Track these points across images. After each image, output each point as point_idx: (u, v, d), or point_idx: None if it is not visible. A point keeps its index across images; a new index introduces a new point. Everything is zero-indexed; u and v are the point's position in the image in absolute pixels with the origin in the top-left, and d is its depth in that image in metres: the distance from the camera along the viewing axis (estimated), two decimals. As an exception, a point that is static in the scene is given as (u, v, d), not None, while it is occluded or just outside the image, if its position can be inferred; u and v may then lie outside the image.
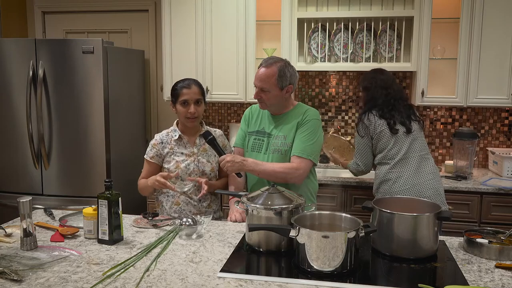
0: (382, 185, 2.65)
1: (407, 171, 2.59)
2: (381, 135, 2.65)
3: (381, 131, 2.65)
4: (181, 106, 2.34)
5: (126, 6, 4.14)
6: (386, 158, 2.65)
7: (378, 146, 2.68)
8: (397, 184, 2.59)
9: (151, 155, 2.41)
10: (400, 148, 2.62)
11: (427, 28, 3.27)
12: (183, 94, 2.33)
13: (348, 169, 2.89)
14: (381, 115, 2.67)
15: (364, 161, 2.74)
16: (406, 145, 2.62)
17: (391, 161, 2.63)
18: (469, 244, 1.83)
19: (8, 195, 3.51)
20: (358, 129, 2.73)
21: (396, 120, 2.65)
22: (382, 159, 2.67)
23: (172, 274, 1.61)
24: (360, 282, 1.56)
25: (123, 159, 3.65)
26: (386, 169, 2.64)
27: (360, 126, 2.72)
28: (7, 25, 4.11)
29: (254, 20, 3.47)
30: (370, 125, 2.67)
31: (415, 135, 2.65)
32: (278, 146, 2.28)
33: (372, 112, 2.69)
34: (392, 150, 2.64)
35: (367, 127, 2.68)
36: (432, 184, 2.58)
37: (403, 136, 2.63)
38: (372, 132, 2.67)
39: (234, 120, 3.98)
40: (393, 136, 2.63)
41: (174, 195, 2.38)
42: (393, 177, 2.61)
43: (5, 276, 1.55)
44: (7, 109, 3.48)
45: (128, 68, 3.79)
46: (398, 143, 2.63)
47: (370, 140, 2.69)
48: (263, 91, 2.24)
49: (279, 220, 1.80)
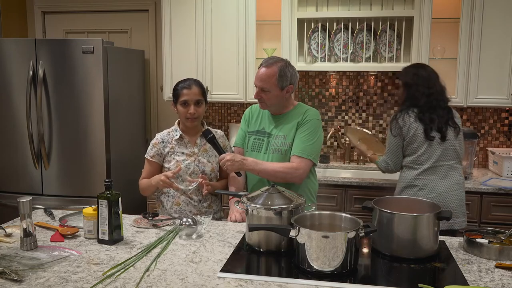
0: (406, 189, 2.58)
1: (435, 180, 2.53)
2: (413, 139, 2.56)
3: (414, 134, 2.55)
4: (181, 107, 2.34)
5: (126, 6, 4.14)
6: (415, 162, 2.57)
7: (408, 149, 2.59)
8: (423, 191, 2.53)
9: (152, 154, 2.41)
10: (430, 155, 2.53)
11: (427, 28, 3.27)
12: (183, 95, 2.33)
13: (376, 165, 2.81)
14: (420, 118, 2.55)
15: (394, 161, 2.65)
16: (438, 153, 2.53)
17: (420, 167, 2.55)
18: (469, 244, 1.83)
19: (8, 195, 3.51)
20: (391, 127, 2.62)
21: (434, 125, 2.53)
22: (410, 163, 2.59)
23: (172, 274, 1.61)
24: (360, 282, 1.56)
25: (123, 159, 3.65)
26: (413, 174, 2.57)
27: (393, 125, 2.61)
28: (7, 25, 4.11)
29: (254, 20, 3.47)
30: (404, 126, 2.57)
31: (448, 144, 2.55)
32: (278, 146, 2.28)
33: (408, 113, 2.57)
34: (422, 156, 2.55)
35: (400, 127, 2.58)
36: (457, 195, 2.54)
37: (436, 143, 2.53)
38: (405, 134, 2.57)
39: (234, 120, 3.98)
40: (426, 141, 2.53)
41: (174, 196, 2.38)
42: (420, 184, 2.54)
43: (5, 276, 1.55)
44: (7, 109, 3.48)
45: (128, 68, 3.79)
46: (429, 150, 2.54)
47: (402, 140, 2.60)
48: (264, 91, 2.24)
49: (279, 220, 1.80)
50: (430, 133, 2.53)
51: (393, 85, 3.70)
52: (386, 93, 3.72)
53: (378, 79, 3.72)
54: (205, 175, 2.37)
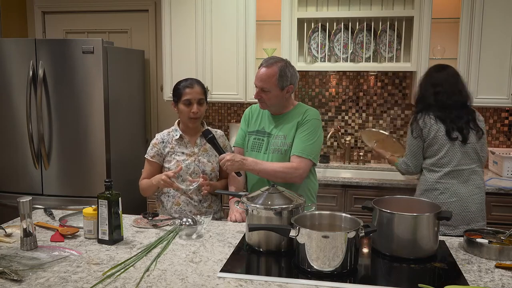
0: (427, 192, 2.55)
1: (456, 184, 2.50)
2: (434, 141, 2.52)
3: (435, 136, 2.51)
4: (183, 106, 2.33)
5: (126, 6, 4.14)
6: (435, 165, 2.54)
7: (429, 151, 2.56)
8: (444, 195, 2.50)
9: (152, 154, 2.41)
10: (452, 158, 2.50)
11: (427, 28, 3.27)
12: (186, 94, 2.32)
13: (396, 167, 2.79)
14: (440, 118, 2.52)
15: (415, 163, 2.62)
16: (459, 156, 2.50)
17: (441, 169, 2.52)
18: (469, 244, 1.83)
19: (8, 195, 3.51)
20: (412, 129, 2.58)
21: (455, 125, 2.50)
22: (431, 165, 2.56)
23: (172, 274, 1.61)
24: (360, 282, 1.56)
25: (123, 159, 3.65)
26: (435, 177, 2.54)
27: (414, 126, 2.57)
28: (7, 25, 4.11)
29: (254, 20, 3.47)
30: (425, 127, 2.53)
31: (470, 147, 2.51)
32: (278, 145, 2.28)
33: (429, 114, 2.54)
34: (443, 158, 2.51)
35: (421, 129, 2.54)
36: (477, 199, 2.51)
37: (458, 145, 2.50)
38: (426, 136, 2.54)
39: (234, 120, 3.98)
40: (448, 143, 2.50)
41: (175, 196, 2.38)
42: (441, 188, 2.51)
43: (5, 276, 1.55)
44: (7, 109, 3.47)
45: (128, 68, 3.79)
46: (450, 152, 2.50)
47: (422, 142, 2.56)
48: (264, 91, 2.24)
49: (279, 220, 1.80)
50: (452, 134, 2.50)
51: (393, 85, 3.70)
52: (386, 93, 3.72)
53: (378, 79, 3.72)
54: (206, 175, 2.37)
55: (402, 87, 3.69)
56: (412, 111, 2.67)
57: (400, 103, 3.70)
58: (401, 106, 3.70)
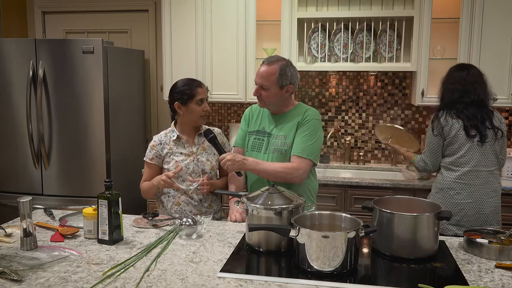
0: (442, 191, 2.55)
1: (473, 185, 2.49)
2: (455, 139, 2.52)
3: (456, 135, 2.51)
4: (196, 105, 2.34)
5: (126, 6, 4.14)
6: (454, 164, 2.54)
7: (448, 149, 2.55)
8: (460, 195, 2.50)
9: (151, 156, 2.41)
10: (471, 158, 2.50)
11: (427, 28, 3.27)
12: (199, 93, 2.34)
13: (413, 164, 2.78)
14: (458, 116, 2.52)
15: (433, 161, 2.61)
16: (477, 156, 2.50)
17: (459, 169, 2.52)
18: (469, 244, 1.83)
19: (8, 195, 3.52)
20: (433, 126, 2.58)
21: (472, 123, 2.49)
22: (449, 164, 2.55)
23: (172, 274, 1.61)
24: (360, 282, 1.56)
25: (123, 159, 3.65)
26: (452, 177, 2.53)
27: (435, 124, 2.57)
28: (7, 25, 4.11)
29: (254, 20, 3.47)
30: (446, 125, 2.53)
31: (488, 148, 2.51)
32: (278, 145, 2.28)
33: (450, 112, 2.54)
34: (463, 157, 2.51)
35: (442, 127, 2.54)
36: (493, 202, 2.51)
37: (477, 145, 2.50)
38: (446, 134, 2.54)
39: (234, 120, 3.98)
40: (468, 142, 2.49)
41: (175, 195, 2.38)
42: (458, 188, 2.51)
43: (5, 276, 1.55)
44: (7, 109, 3.48)
45: (128, 68, 3.79)
46: (470, 152, 2.50)
47: (443, 140, 2.56)
48: (263, 88, 2.24)
49: (279, 220, 1.80)
50: (470, 131, 2.49)
51: (393, 85, 3.70)
52: (386, 93, 3.72)
53: (378, 79, 3.72)
54: (205, 174, 2.37)
55: (402, 87, 3.69)
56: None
57: (400, 103, 3.70)
58: (401, 106, 3.70)
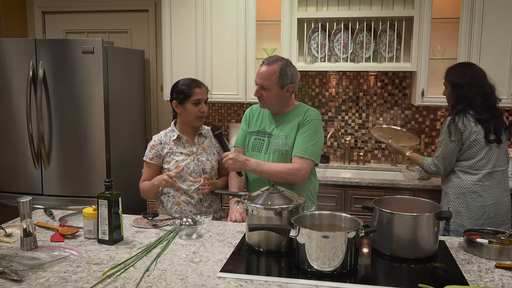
0: (464, 196, 2.50)
1: (492, 186, 2.48)
2: (474, 144, 2.47)
3: (475, 139, 2.46)
4: (192, 105, 2.33)
5: (126, 6, 4.14)
6: (472, 168, 2.49)
7: (466, 153, 2.50)
8: (482, 198, 2.47)
9: (151, 156, 2.41)
10: (488, 160, 2.48)
11: (427, 28, 3.27)
12: (196, 94, 2.33)
13: (420, 166, 2.71)
14: (479, 120, 2.46)
15: (446, 166, 2.54)
16: (495, 158, 2.48)
17: (478, 172, 2.48)
18: (469, 244, 1.83)
19: (8, 195, 3.51)
20: (450, 131, 2.49)
21: (492, 127, 2.45)
22: (468, 168, 2.50)
23: (172, 274, 1.61)
24: (360, 282, 1.56)
25: (123, 159, 3.65)
26: (473, 180, 2.49)
27: (452, 129, 2.48)
28: (7, 25, 4.11)
29: (254, 20, 3.47)
30: (465, 130, 2.46)
31: (503, 149, 2.50)
32: (279, 146, 2.28)
33: (467, 116, 2.47)
34: (481, 160, 2.47)
35: (461, 132, 2.46)
36: (507, 202, 2.50)
37: (495, 147, 2.48)
38: (465, 139, 2.47)
39: (234, 120, 3.98)
40: (486, 145, 2.46)
41: (175, 195, 2.38)
42: (479, 190, 2.47)
43: (5, 276, 1.55)
44: (7, 109, 3.47)
45: (128, 68, 3.79)
46: (488, 154, 2.48)
47: (460, 145, 2.49)
48: (264, 88, 2.24)
49: (279, 220, 1.80)
50: (490, 136, 2.46)
51: (393, 85, 3.70)
52: (386, 93, 3.72)
53: (378, 79, 3.72)
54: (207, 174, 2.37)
55: (402, 87, 3.69)
56: (449, 112, 2.58)
57: (400, 103, 3.70)
58: (401, 106, 3.70)
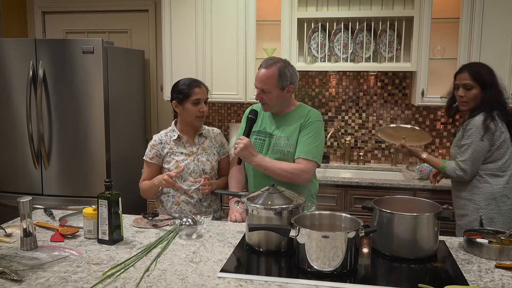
0: (496, 201, 2.39)
1: None
2: (503, 144, 2.39)
3: (504, 139, 2.39)
4: (192, 105, 2.33)
5: (126, 6, 4.14)
6: (499, 169, 2.41)
7: (494, 155, 2.40)
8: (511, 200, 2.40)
9: (151, 156, 2.41)
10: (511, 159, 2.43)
11: (427, 28, 3.27)
12: (196, 93, 2.33)
13: (441, 171, 2.55)
14: (505, 120, 2.41)
15: (473, 170, 2.41)
16: None
17: (504, 173, 2.41)
18: (469, 244, 1.83)
19: (8, 195, 3.52)
20: (484, 131, 2.36)
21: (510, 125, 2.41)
22: (496, 170, 2.41)
23: (172, 274, 1.61)
24: (360, 282, 1.56)
25: (123, 159, 3.65)
26: (502, 182, 2.39)
27: (484, 129, 2.36)
28: (7, 25, 4.11)
29: (254, 20, 3.47)
30: (496, 130, 2.37)
31: None
32: (281, 147, 2.28)
33: (494, 116, 2.39)
34: (507, 161, 2.41)
35: (493, 132, 2.36)
36: None
37: None
38: (496, 139, 2.38)
39: (234, 120, 3.98)
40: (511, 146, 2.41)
41: (174, 195, 2.38)
42: (509, 193, 2.40)
43: (5, 276, 1.55)
44: (7, 109, 3.48)
45: (128, 68, 3.79)
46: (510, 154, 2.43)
47: (490, 146, 2.39)
48: (264, 92, 2.24)
49: (279, 220, 1.80)
50: None
51: (393, 85, 3.70)
52: (386, 93, 3.72)
53: (378, 79, 3.72)
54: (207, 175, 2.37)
55: (402, 87, 3.69)
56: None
57: (400, 103, 3.70)
58: (401, 106, 3.70)
